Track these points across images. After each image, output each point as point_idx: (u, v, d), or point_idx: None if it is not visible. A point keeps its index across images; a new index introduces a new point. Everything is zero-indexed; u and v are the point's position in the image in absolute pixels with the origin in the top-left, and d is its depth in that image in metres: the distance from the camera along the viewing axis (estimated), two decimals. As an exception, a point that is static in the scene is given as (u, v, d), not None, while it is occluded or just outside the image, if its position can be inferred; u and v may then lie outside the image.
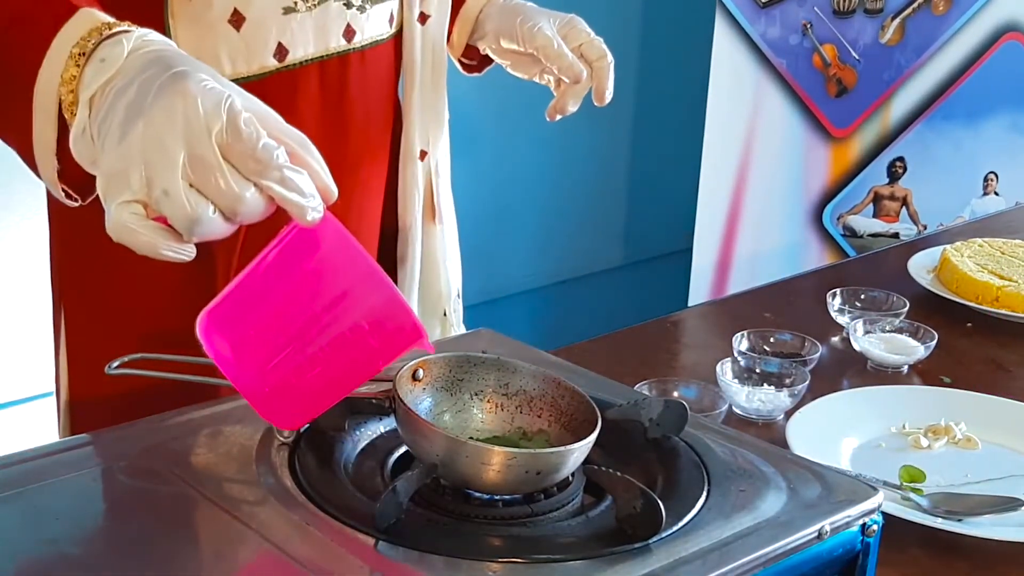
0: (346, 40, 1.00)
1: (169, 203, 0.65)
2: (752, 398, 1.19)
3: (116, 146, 0.67)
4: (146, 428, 0.81)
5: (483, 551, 0.67)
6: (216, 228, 0.67)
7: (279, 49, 0.95)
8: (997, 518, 0.99)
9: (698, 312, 1.67)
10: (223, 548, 0.68)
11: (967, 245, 1.63)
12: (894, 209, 2.71)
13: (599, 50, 1.11)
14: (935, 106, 2.64)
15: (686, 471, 0.77)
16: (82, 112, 0.71)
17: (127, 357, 0.81)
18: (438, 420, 0.77)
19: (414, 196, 1.12)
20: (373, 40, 1.04)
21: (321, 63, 0.99)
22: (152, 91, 0.67)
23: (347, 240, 0.71)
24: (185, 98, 0.66)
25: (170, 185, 0.65)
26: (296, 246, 0.71)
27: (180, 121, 0.65)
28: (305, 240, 0.71)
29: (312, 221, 0.69)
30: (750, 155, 2.67)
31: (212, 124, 0.65)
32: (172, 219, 0.66)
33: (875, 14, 2.60)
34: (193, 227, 0.66)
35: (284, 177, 0.67)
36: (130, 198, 0.66)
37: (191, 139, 0.65)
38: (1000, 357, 1.38)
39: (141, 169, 0.66)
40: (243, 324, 0.73)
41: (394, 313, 0.71)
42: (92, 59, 0.72)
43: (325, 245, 0.71)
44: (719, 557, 0.67)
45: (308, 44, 0.97)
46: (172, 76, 0.67)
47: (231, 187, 0.66)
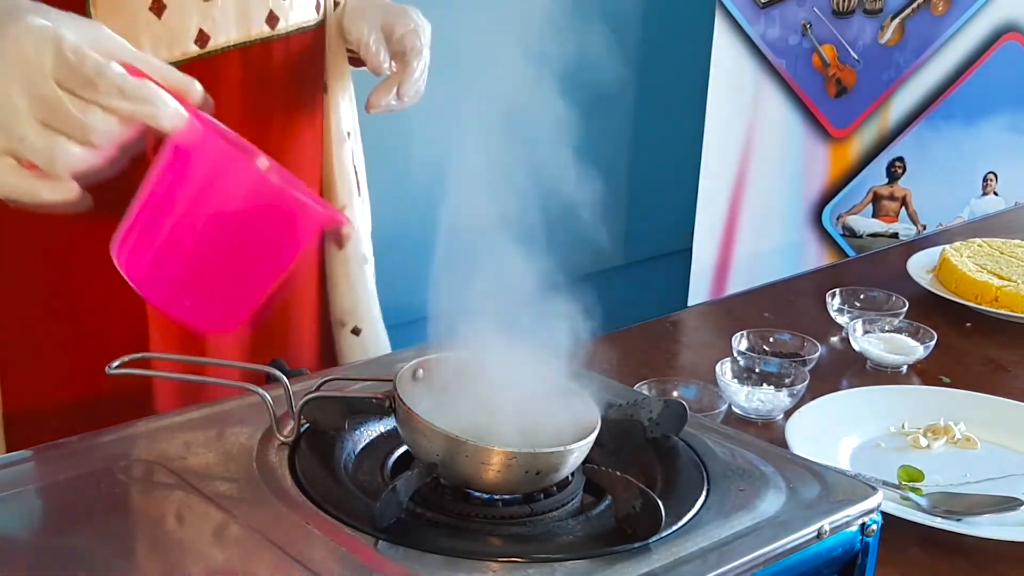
0: (269, 27, 0.99)
1: (26, 148, 0.67)
2: (751, 398, 1.19)
3: None
4: (146, 428, 0.81)
5: (483, 551, 0.67)
6: (78, 158, 0.68)
7: (200, 35, 0.94)
8: (996, 518, 0.99)
9: (698, 312, 1.67)
10: (223, 548, 0.68)
11: (966, 245, 1.64)
12: (893, 209, 2.71)
13: (411, 41, 1.06)
14: (934, 106, 2.64)
15: (685, 471, 0.77)
16: None
17: (127, 357, 0.81)
18: (438, 420, 0.77)
19: (350, 174, 1.12)
20: (299, 27, 1.03)
21: (243, 49, 0.98)
22: None
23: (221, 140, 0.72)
24: (15, 42, 0.67)
25: (22, 130, 0.67)
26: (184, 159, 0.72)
27: (14, 65, 0.67)
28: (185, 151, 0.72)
29: (175, 126, 0.70)
30: (750, 155, 2.67)
31: (43, 61, 0.67)
32: (36, 161, 0.68)
33: (874, 14, 2.60)
34: (54, 163, 0.68)
35: (125, 91, 0.68)
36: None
37: (27, 80, 0.67)
38: (999, 357, 1.38)
39: None
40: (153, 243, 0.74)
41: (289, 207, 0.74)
42: None
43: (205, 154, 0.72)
44: (719, 557, 0.67)
45: (230, 30, 0.96)
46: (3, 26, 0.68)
47: (75, 116, 0.67)
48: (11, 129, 0.67)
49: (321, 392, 0.79)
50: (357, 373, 0.89)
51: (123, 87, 0.68)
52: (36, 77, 0.67)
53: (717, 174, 2.65)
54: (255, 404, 0.79)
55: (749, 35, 2.60)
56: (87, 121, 0.68)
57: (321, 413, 0.78)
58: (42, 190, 0.70)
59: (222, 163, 0.73)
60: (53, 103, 0.67)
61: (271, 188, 0.74)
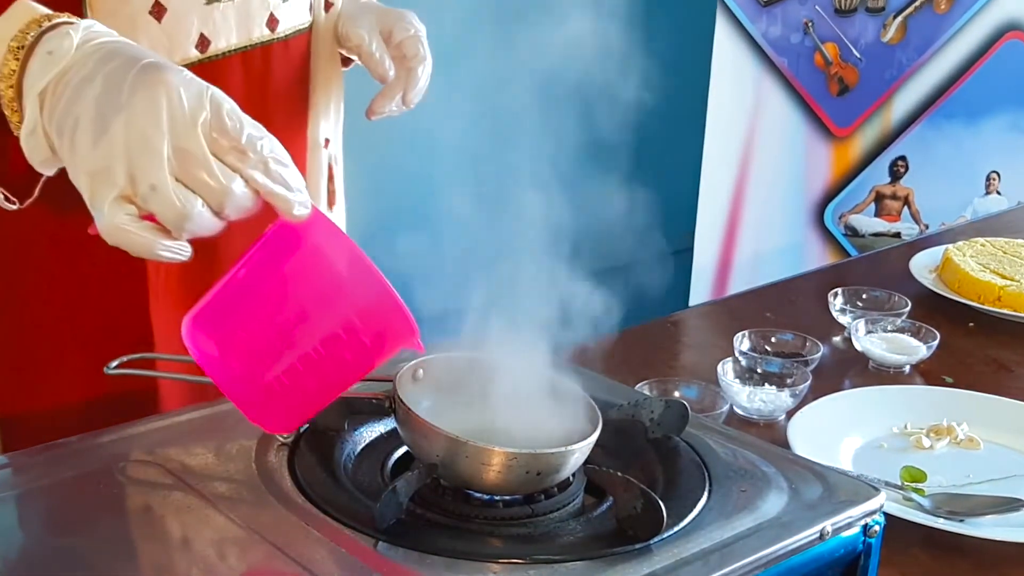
0: (270, 30, 0.97)
1: (157, 199, 0.64)
2: (753, 398, 1.19)
3: (94, 143, 0.64)
4: (145, 428, 0.81)
5: (483, 551, 0.67)
6: (206, 224, 0.65)
7: (201, 40, 0.92)
8: (999, 518, 0.99)
9: (699, 312, 1.67)
10: (223, 549, 0.67)
11: (969, 245, 1.63)
12: (896, 208, 2.71)
13: (414, 48, 1.05)
14: (937, 105, 2.64)
15: (687, 471, 0.77)
16: (32, 108, 0.68)
17: (125, 357, 0.81)
18: (438, 420, 0.77)
19: (320, 183, 1.10)
20: (296, 29, 1.02)
21: (244, 54, 0.96)
22: (127, 84, 0.65)
23: (339, 235, 0.69)
24: (168, 89, 0.64)
25: (157, 180, 0.63)
26: (282, 243, 0.69)
27: (164, 113, 0.63)
28: (291, 236, 0.69)
29: (300, 216, 0.67)
30: (751, 154, 2.66)
31: (196, 115, 0.64)
32: (161, 216, 0.64)
33: (877, 13, 2.60)
34: (183, 223, 0.64)
35: (270, 169, 0.66)
36: (118, 194, 0.64)
37: (176, 131, 0.63)
38: (1002, 357, 1.38)
39: (125, 165, 0.64)
40: (230, 326, 0.71)
41: (388, 310, 0.70)
42: (36, 52, 0.69)
43: (313, 240, 0.69)
44: (720, 558, 0.67)
45: (231, 34, 0.94)
46: (146, 67, 0.65)
47: (219, 179, 0.64)
48: (146, 173, 0.63)
49: (321, 392, 0.78)
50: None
51: (268, 164, 0.66)
52: (186, 129, 0.63)
53: (718, 173, 2.65)
54: (255, 404, 0.78)
55: (751, 33, 2.60)
56: (228, 187, 0.64)
57: (321, 413, 0.77)
58: (159, 247, 0.65)
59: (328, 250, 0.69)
60: (198, 161, 0.64)
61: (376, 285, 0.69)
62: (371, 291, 0.69)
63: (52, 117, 0.67)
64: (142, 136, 0.63)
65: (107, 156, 0.64)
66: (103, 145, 0.64)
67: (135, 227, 0.65)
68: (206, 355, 0.71)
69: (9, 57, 0.70)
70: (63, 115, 0.67)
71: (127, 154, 0.63)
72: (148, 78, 0.64)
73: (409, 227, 1.11)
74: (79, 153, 0.65)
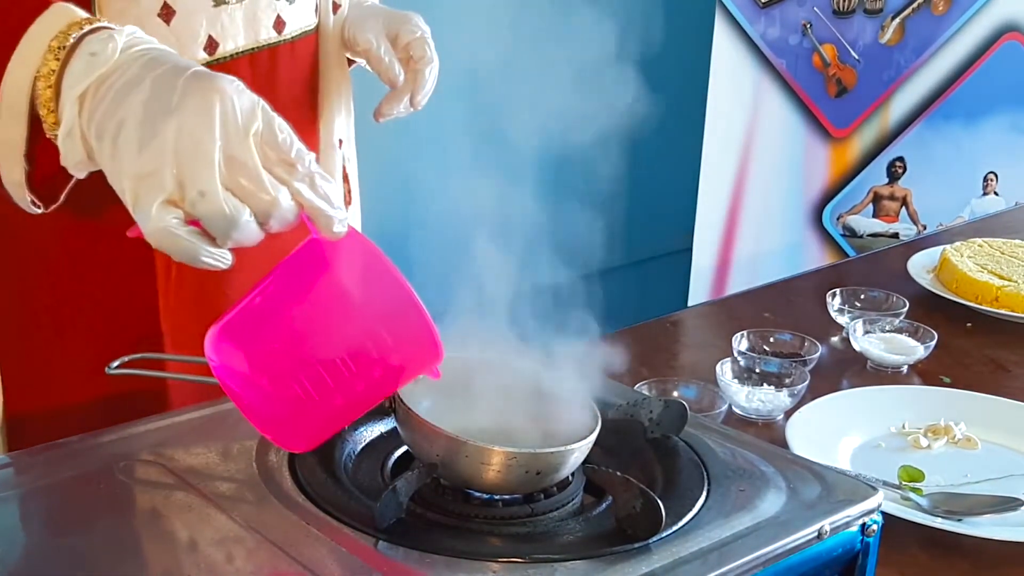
0: (276, 32, 0.98)
1: (206, 205, 0.63)
2: (752, 398, 1.19)
3: (142, 146, 0.64)
4: (146, 428, 0.81)
5: (483, 551, 0.67)
6: (251, 234, 0.65)
7: (209, 42, 0.92)
8: (997, 518, 0.99)
9: (698, 312, 1.67)
10: (223, 548, 0.67)
11: (967, 245, 1.64)
12: (894, 209, 2.71)
13: (420, 49, 1.05)
14: (935, 106, 2.64)
15: (686, 471, 0.77)
16: (70, 109, 0.68)
17: (127, 357, 0.81)
18: (438, 420, 0.77)
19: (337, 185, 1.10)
20: (302, 31, 1.02)
21: (252, 56, 0.96)
22: (178, 88, 0.64)
23: (376, 253, 0.68)
24: (222, 97, 0.63)
25: (207, 186, 0.63)
26: (315, 258, 0.69)
27: (217, 120, 0.63)
28: (325, 252, 0.68)
29: (338, 233, 0.67)
30: (750, 155, 2.67)
31: (249, 125, 0.64)
32: (208, 222, 0.64)
33: (875, 14, 2.60)
34: (230, 231, 0.64)
35: (316, 184, 0.66)
36: (167, 198, 0.63)
37: (229, 139, 0.63)
38: (1000, 357, 1.38)
39: (175, 169, 0.63)
40: (261, 339, 0.70)
41: (419, 333, 0.69)
42: (78, 53, 0.68)
43: (347, 258, 0.68)
44: (719, 557, 0.67)
45: (239, 36, 0.94)
46: (198, 74, 0.65)
47: (268, 190, 0.64)
48: (196, 178, 0.62)
49: (321, 392, 0.79)
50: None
51: (314, 179, 0.66)
52: (239, 138, 0.63)
53: (717, 174, 2.65)
54: (255, 404, 0.79)
55: (749, 35, 2.60)
56: (276, 198, 0.64)
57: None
58: (203, 253, 0.65)
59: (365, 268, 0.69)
60: (249, 171, 0.63)
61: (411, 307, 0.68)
62: (405, 312, 0.69)
63: (92, 119, 0.67)
64: (194, 141, 0.63)
65: (155, 159, 0.63)
66: (152, 148, 0.63)
67: (183, 231, 0.64)
68: (228, 368, 0.70)
69: (49, 56, 0.69)
70: (105, 117, 0.66)
71: (177, 158, 0.63)
72: (202, 84, 0.64)
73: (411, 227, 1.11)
74: (124, 156, 0.65)
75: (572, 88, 1.13)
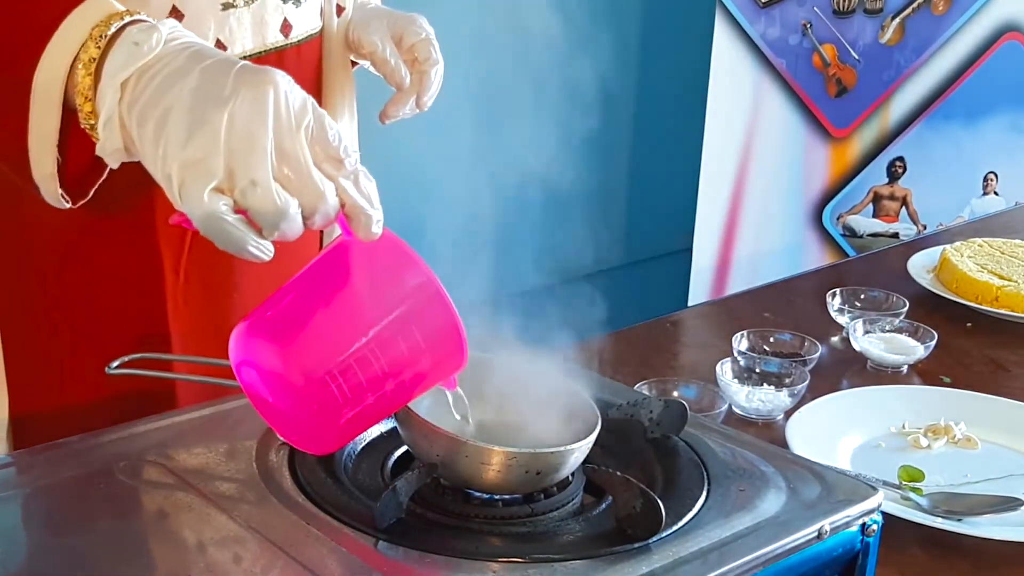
0: (283, 35, 0.98)
1: (257, 195, 0.63)
2: (752, 398, 1.19)
3: (191, 133, 0.63)
4: (146, 428, 0.81)
5: (483, 551, 0.67)
6: (297, 227, 0.65)
7: (217, 46, 0.92)
8: (996, 518, 0.99)
9: (698, 312, 1.67)
10: (223, 548, 0.68)
11: (967, 245, 1.64)
12: (894, 209, 2.71)
13: (426, 51, 1.05)
14: (935, 106, 2.64)
15: (686, 471, 0.77)
16: (112, 96, 0.67)
17: (127, 357, 0.81)
18: (438, 420, 0.77)
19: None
20: (308, 34, 1.02)
21: (259, 59, 0.96)
22: (230, 78, 0.64)
23: (411, 257, 0.68)
24: (276, 90, 0.63)
25: (260, 175, 0.62)
26: (348, 259, 0.69)
27: (271, 112, 0.63)
28: (358, 253, 0.68)
29: (375, 234, 0.67)
30: (750, 155, 2.67)
31: (301, 119, 0.64)
32: (257, 212, 0.63)
33: (875, 14, 2.60)
34: (279, 222, 0.64)
35: (360, 182, 0.66)
36: (216, 185, 0.63)
37: (281, 132, 0.63)
38: (1000, 357, 1.38)
39: (226, 158, 0.63)
40: (291, 337, 0.69)
41: (449, 335, 0.69)
42: (120, 41, 0.68)
43: (382, 260, 0.68)
44: (719, 557, 0.67)
45: (246, 40, 0.94)
46: (249, 67, 0.65)
47: (316, 185, 0.64)
48: (249, 168, 0.62)
49: (321, 392, 0.79)
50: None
51: (359, 177, 0.66)
52: (291, 131, 0.63)
53: (717, 174, 2.65)
54: (255, 404, 0.79)
55: (749, 35, 2.60)
56: (323, 192, 0.64)
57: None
58: (250, 243, 0.64)
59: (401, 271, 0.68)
60: (299, 164, 0.63)
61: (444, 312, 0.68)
62: (437, 315, 0.69)
63: (135, 106, 0.66)
64: (247, 131, 0.63)
65: (207, 146, 0.63)
66: (202, 135, 0.63)
67: (233, 219, 0.63)
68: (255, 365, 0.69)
69: (90, 44, 0.69)
70: (148, 104, 0.65)
71: (229, 147, 0.63)
72: (255, 76, 0.64)
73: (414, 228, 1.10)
74: (172, 141, 0.64)
75: (572, 88, 1.14)
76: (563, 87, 1.40)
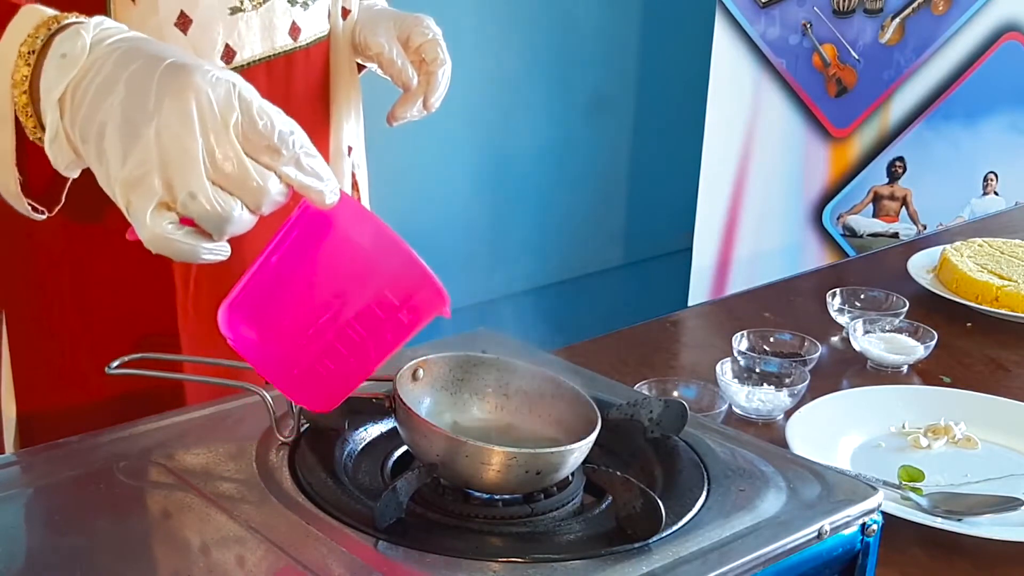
0: (292, 38, 0.98)
1: (197, 205, 0.63)
2: (752, 398, 1.19)
3: (126, 152, 0.63)
4: (145, 428, 0.81)
5: (483, 551, 0.67)
6: (245, 224, 0.65)
7: (227, 51, 0.92)
8: (996, 518, 0.99)
9: (698, 312, 1.67)
10: (222, 548, 0.68)
11: (967, 245, 1.64)
12: (894, 209, 2.71)
13: (433, 51, 1.05)
14: (935, 106, 2.64)
15: (686, 471, 0.77)
16: (52, 114, 0.67)
17: (127, 357, 0.81)
18: (438, 420, 0.78)
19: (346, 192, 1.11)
20: (316, 37, 1.02)
21: (268, 63, 0.96)
22: (152, 89, 0.64)
23: (366, 214, 0.70)
24: (197, 94, 0.63)
25: (196, 185, 0.63)
26: (310, 227, 0.69)
27: (195, 118, 0.63)
28: (319, 220, 0.69)
29: (332, 204, 0.67)
30: (750, 155, 2.67)
31: (228, 117, 0.63)
32: (202, 221, 0.64)
33: (875, 14, 2.60)
34: (224, 226, 0.64)
35: (302, 164, 0.66)
36: (158, 202, 0.63)
37: (209, 135, 0.63)
38: (1000, 357, 1.38)
39: (161, 173, 0.63)
40: (268, 311, 0.71)
41: (418, 281, 0.70)
42: (49, 56, 0.68)
43: (341, 223, 0.69)
44: (719, 557, 0.67)
45: (255, 44, 0.94)
46: (170, 70, 0.64)
47: (255, 180, 0.64)
48: (184, 181, 0.62)
49: (321, 392, 0.79)
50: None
51: (300, 159, 0.65)
52: (219, 133, 0.63)
53: (717, 174, 2.65)
54: (255, 404, 0.79)
55: (749, 35, 2.60)
56: (264, 186, 0.64)
57: (321, 413, 0.78)
58: (202, 252, 0.65)
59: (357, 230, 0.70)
60: (234, 164, 0.63)
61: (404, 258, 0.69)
62: (401, 265, 0.70)
63: (75, 123, 0.66)
64: (177, 144, 0.62)
65: (141, 165, 0.63)
66: (136, 154, 0.63)
67: (179, 235, 0.64)
68: (245, 341, 0.71)
69: (20, 63, 0.69)
70: (86, 121, 0.65)
71: (162, 162, 0.63)
72: (175, 83, 0.63)
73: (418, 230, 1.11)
74: (110, 162, 0.64)
75: (573, 89, 1.13)
76: (563, 87, 1.41)
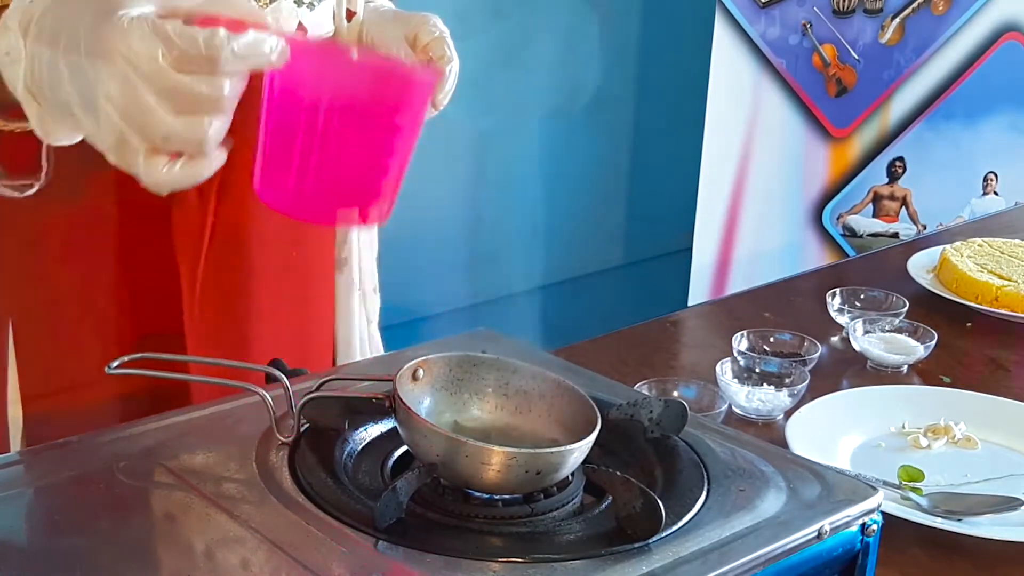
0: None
1: (173, 143, 0.66)
2: (752, 398, 1.19)
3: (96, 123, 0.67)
4: (145, 428, 0.81)
5: (483, 551, 0.67)
6: (221, 130, 0.68)
7: None
8: (996, 518, 0.99)
9: (698, 312, 1.67)
10: (223, 548, 0.68)
11: (967, 245, 1.64)
12: (894, 209, 2.71)
13: (440, 49, 1.05)
14: (935, 106, 2.64)
15: (686, 471, 0.77)
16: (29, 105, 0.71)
17: (127, 357, 0.81)
18: (438, 420, 0.78)
19: None
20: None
21: None
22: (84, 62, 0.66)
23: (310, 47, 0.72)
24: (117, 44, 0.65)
25: (163, 129, 0.65)
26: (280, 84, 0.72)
27: (132, 73, 0.65)
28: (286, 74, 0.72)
29: (280, 61, 0.69)
30: (750, 155, 2.67)
31: (155, 55, 0.65)
32: (185, 150, 0.67)
33: (875, 14, 2.60)
34: (205, 147, 0.67)
35: (238, 55, 0.67)
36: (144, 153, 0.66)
37: (147, 77, 0.65)
38: (1000, 357, 1.38)
39: (131, 129, 0.66)
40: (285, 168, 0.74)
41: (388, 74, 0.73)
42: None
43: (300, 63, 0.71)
44: (719, 557, 0.67)
45: None
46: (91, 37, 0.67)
47: (208, 95, 0.66)
48: (152, 129, 0.66)
49: (321, 392, 0.79)
50: (357, 373, 0.89)
51: (236, 50, 0.67)
52: (154, 72, 0.65)
53: (717, 174, 2.65)
54: (255, 404, 0.79)
55: (749, 35, 2.60)
56: (219, 94, 0.66)
57: (321, 413, 0.78)
58: (203, 171, 0.68)
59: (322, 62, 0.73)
60: (183, 91, 0.65)
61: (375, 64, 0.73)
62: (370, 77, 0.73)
63: (53, 105, 0.70)
64: (128, 103, 0.65)
65: (113, 130, 0.66)
66: (103, 124, 0.67)
67: (176, 171, 0.67)
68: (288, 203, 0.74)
69: None
70: (56, 101, 0.69)
71: (127, 121, 0.66)
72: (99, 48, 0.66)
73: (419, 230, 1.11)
74: (90, 132, 0.69)
75: (572, 88, 1.13)
76: (563, 87, 1.41)
